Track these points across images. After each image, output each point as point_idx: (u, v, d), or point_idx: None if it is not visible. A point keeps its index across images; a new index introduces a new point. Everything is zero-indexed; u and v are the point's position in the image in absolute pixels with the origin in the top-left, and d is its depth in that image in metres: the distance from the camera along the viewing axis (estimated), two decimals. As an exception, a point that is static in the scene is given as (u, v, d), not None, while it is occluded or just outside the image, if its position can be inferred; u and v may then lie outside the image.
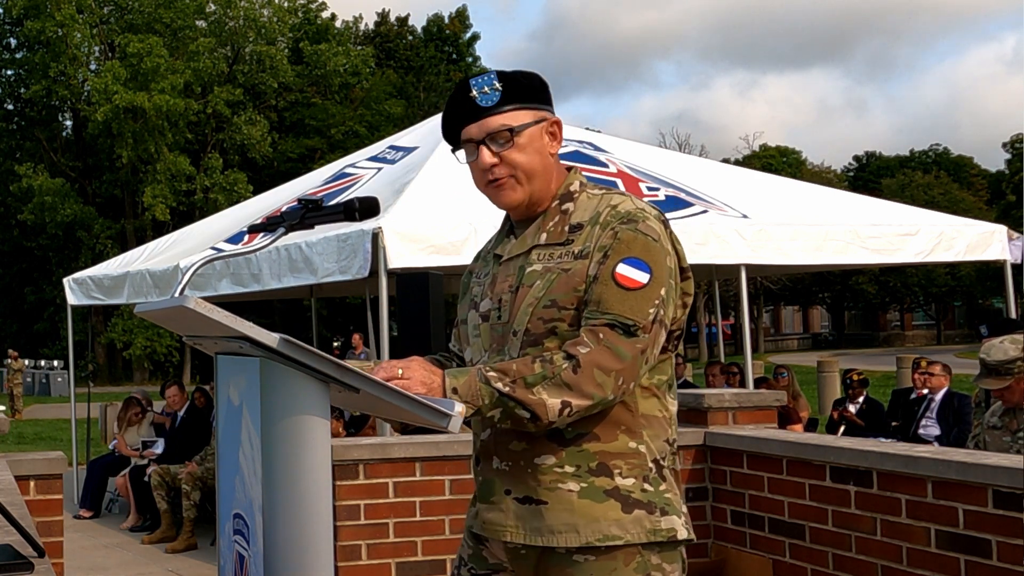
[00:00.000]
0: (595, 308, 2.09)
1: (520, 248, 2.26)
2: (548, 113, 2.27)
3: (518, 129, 2.21)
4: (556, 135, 2.27)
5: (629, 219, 2.14)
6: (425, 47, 49.93)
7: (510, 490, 2.18)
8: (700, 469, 5.42)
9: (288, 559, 1.89)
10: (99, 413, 14.90)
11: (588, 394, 2.04)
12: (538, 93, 2.27)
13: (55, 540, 4.38)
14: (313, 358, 1.91)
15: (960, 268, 45.27)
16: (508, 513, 2.19)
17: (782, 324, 64.41)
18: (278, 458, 1.89)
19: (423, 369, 2.09)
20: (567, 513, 2.12)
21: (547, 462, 2.14)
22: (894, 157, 62.37)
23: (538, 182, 2.24)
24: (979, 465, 3.91)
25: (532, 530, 2.15)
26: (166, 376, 36.68)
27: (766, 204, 8.52)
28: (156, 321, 2.26)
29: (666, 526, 2.13)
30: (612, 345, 2.05)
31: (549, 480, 2.14)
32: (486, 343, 2.25)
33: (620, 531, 2.10)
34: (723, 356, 17.48)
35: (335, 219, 2.44)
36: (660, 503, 2.14)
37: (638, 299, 2.08)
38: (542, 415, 2.04)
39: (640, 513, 2.12)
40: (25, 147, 43.18)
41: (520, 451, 2.17)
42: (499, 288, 2.26)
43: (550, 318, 2.14)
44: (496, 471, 2.21)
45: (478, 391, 2.04)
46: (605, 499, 2.11)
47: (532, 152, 2.22)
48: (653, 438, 2.17)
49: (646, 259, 2.10)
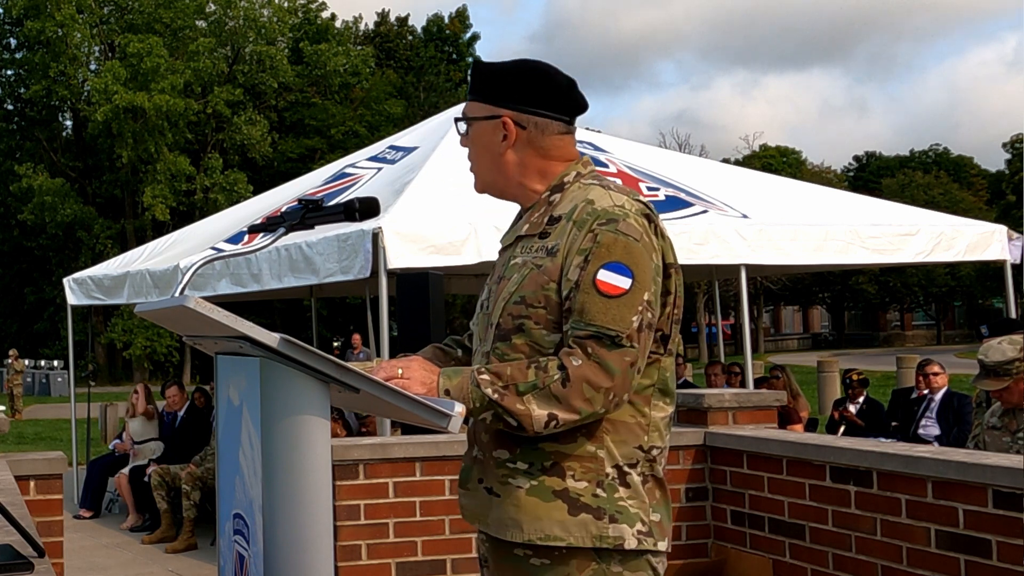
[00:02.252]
0: (579, 318, 2.05)
1: (510, 238, 2.28)
2: (503, 111, 2.22)
3: (469, 121, 2.28)
4: (509, 135, 2.23)
5: (609, 219, 2.09)
6: (425, 47, 49.91)
7: (482, 479, 2.21)
8: (700, 469, 5.42)
9: (288, 559, 1.89)
10: (99, 413, 14.92)
11: (576, 409, 2.02)
12: (496, 91, 2.24)
13: (55, 540, 4.39)
14: (313, 358, 1.91)
15: (960, 268, 45.27)
16: (478, 501, 2.21)
17: (782, 324, 64.40)
18: (278, 458, 1.89)
19: (423, 369, 2.10)
20: (514, 508, 2.12)
21: (502, 456, 2.15)
22: (894, 157, 62.36)
23: (489, 176, 2.28)
24: (979, 465, 3.91)
25: (492, 520, 2.17)
26: (166, 376, 36.68)
27: (766, 204, 8.52)
28: (156, 321, 2.26)
29: (614, 533, 2.07)
30: (601, 360, 2.02)
31: (502, 474, 2.15)
32: (480, 332, 2.27)
33: (562, 532, 2.08)
34: (723, 356, 17.47)
35: (335, 219, 2.44)
36: (611, 510, 2.09)
37: (620, 307, 2.04)
38: (527, 426, 2.04)
39: (586, 517, 2.08)
40: (25, 147, 43.16)
41: (486, 442, 2.19)
42: (492, 278, 2.28)
43: (518, 315, 2.13)
44: (474, 459, 2.24)
45: (469, 394, 2.05)
46: (552, 499, 2.09)
47: (479, 147, 2.27)
48: (618, 443, 2.11)
49: (627, 262, 2.06)
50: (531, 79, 2.24)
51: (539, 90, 2.23)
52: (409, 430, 6.36)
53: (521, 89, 2.23)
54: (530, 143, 2.24)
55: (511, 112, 2.23)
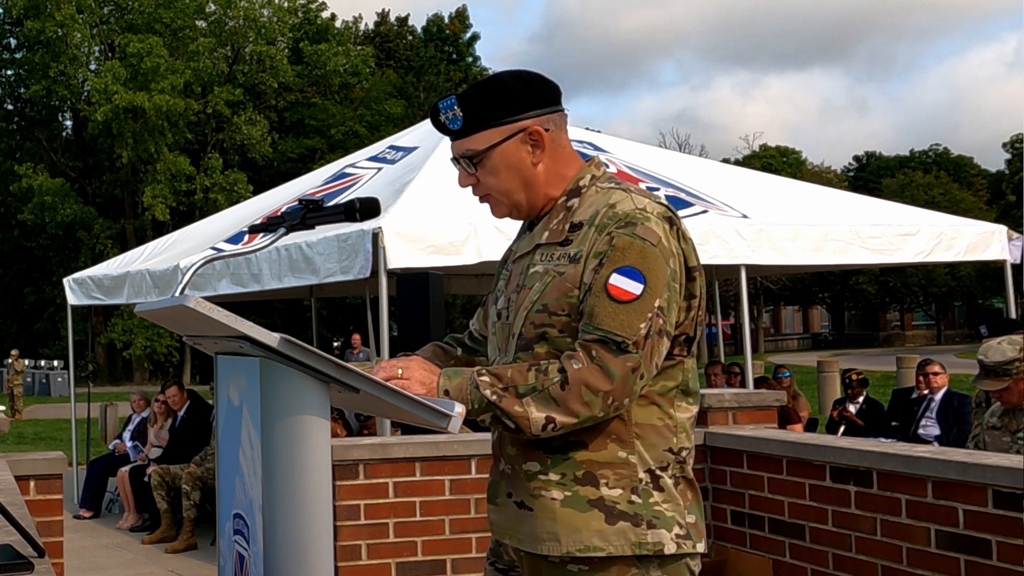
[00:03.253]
0: (588, 321, 2.04)
1: (528, 246, 2.23)
2: (525, 121, 2.16)
3: (483, 152, 2.17)
4: (539, 142, 2.17)
5: (627, 222, 2.06)
6: (425, 47, 49.91)
7: (511, 493, 2.17)
8: (700, 469, 5.42)
9: (288, 559, 1.89)
10: (99, 413, 14.91)
11: (574, 412, 2.00)
12: (508, 105, 2.16)
13: (55, 540, 4.39)
14: (313, 358, 1.91)
15: (960, 268, 45.26)
16: (508, 515, 2.18)
17: (782, 324, 64.40)
18: (278, 458, 1.89)
19: (422, 369, 2.09)
20: (549, 521, 2.09)
21: (533, 469, 2.12)
22: (894, 157, 62.36)
23: (522, 195, 2.20)
24: (979, 465, 3.91)
25: (525, 535, 2.13)
26: (166, 376, 36.68)
27: (766, 204, 8.52)
28: (156, 321, 2.26)
29: (653, 539, 2.06)
30: (603, 364, 2.00)
31: (534, 487, 2.12)
32: (500, 343, 2.23)
33: (602, 542, 2.06)
34: (723, 356, 17.44)
35: (335, 219, 2.43)
36: (648, 516, 2.07)
37: (630, 313, 2.01)
38: (525, 428, 2.02)
39: (624, 525, 2.06)
40: (25, 147, 43.15)
41: (513, 455, 2.16)
42: (510, 287, 2.24)
43: (541, 323, 2.10)
44: (501, 473, 2.21)
45: (468, 395, 2.04)
46: (588, 509, 2.07)
47: (505, 170, 2.17)
48: (648, 448, 2.10)
49: (641, 267, 2.03)
50: (524, 81, 2.20)
51: (537, 88, 2.20)
52: (409, 430, 6.36)
53: (525, 93, 2.18)
54: (551, 145, 2.20)
55: (532, 118, 2.17)
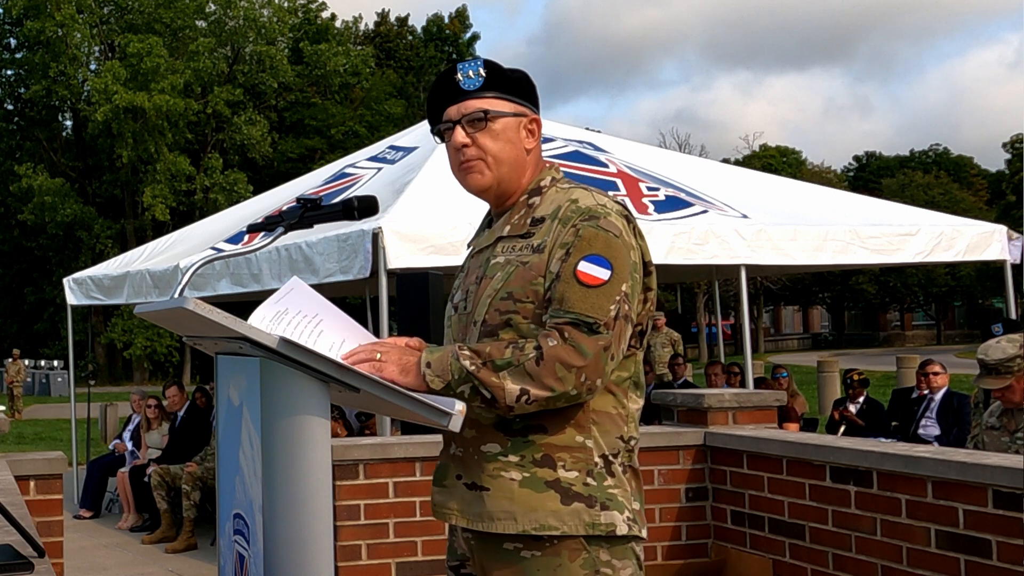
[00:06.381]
0: (558, 306, 2.12)
1: (488, 240, 2.32)
2: (529, 111, 2.31)
3: (494, 114, 2.26)
4: (534, 132, 2.32)
5: (590, 215, 2.17)
6: (425, 47, 49.92)
7: (460, 475, 2.23)
8: (700, 469, 5.42)
9: (288, 559, 1.89)
10: (99, 413, 14.91)
11: (547, 386, 2.07)
12: (522, 89, 2.32)
13: (55, 540, 4.39)
14: (313, 358, 1.91)
15: (960, 268, 45.26)
16: (455, 496, 2.24)
17: (782, 324, 64.40)
18: (278, 458, 1.90)
19: (400, 351, 2.12)
20: (507, 500, 2.16)
21: (492, 451, 2.19)
22: (894, 157, 62.36)
23: (507, 171, 2.29)
24: (979, 465, 3.91)
25: (474, 515, 2.19)
26: (166, 376, 36.70)
27: (766, 204, 8.52)
28: (156, 322, 2.26)
29: (606, 520, 2.15)
30: (575, 343, 2.08)
31: (493, 468, 2.18)
32: (455, 333, 2.31)
33: (557, 522, 2.13)
34: (723, 356, 17.45)
35: (334, 218, 2.44)
36: (602, 498, 2.16)
37: (599, 296, 2.11)
38: (500, 399, 2.08)
39: (579, 506, 2.14)
40: (25, 147, 43.15)
41: (470, 438, 2.22)
42: (469, 280, 2.32)
43: (506, 310, 2.18)
44: (451, 456, 2.27)
45: (448, 366, 2.09)
46: (545, 489, 2.14)
47: (504, 141, 2.27)
48: (603, 434, 2.19)
49: (607, 255, 2.14)
50: (530, 82, 2.35)
51: (534, 93, 2.36)
52: (409, 430, 6.36)
53: (532, 91, 2.34)
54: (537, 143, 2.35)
55: (532, 112, 2.33)
